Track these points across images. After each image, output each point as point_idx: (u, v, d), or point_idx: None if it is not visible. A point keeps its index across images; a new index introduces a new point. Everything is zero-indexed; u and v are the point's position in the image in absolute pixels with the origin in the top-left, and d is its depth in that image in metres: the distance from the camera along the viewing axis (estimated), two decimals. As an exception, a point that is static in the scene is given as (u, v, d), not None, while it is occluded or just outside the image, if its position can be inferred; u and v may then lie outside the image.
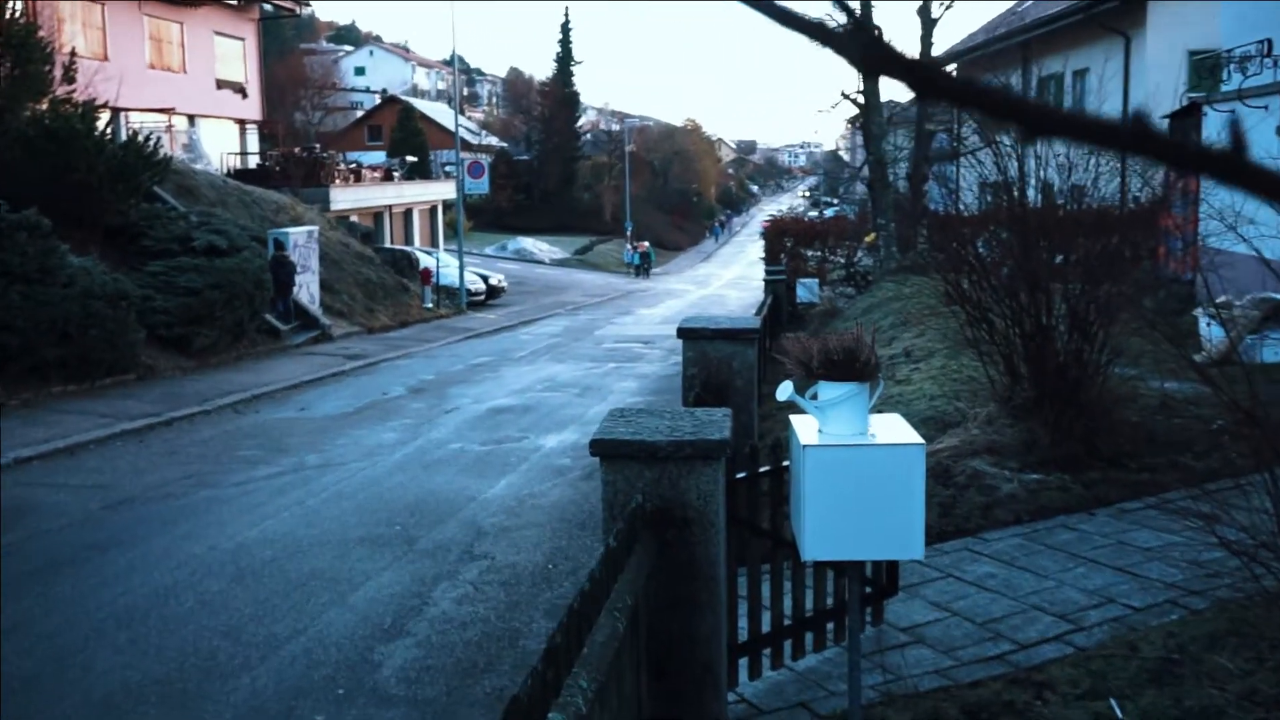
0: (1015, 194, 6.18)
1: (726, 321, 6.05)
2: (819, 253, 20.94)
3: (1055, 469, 5.69)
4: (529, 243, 51.66)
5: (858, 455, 3.15)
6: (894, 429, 3.34)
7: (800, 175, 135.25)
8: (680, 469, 3.06)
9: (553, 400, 11.82)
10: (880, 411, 3.90)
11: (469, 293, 25.83)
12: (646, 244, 51.91)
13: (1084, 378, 5.79)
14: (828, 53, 0.51)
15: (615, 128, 73.00)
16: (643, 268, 46.14)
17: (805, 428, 3.38)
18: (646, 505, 3.04)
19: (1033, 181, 6.18)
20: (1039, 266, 5.86)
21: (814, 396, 3.36)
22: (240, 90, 27.21)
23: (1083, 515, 5.37)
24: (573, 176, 67.45)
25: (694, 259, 67.53)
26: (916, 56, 0.52)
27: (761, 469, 3.92)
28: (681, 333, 5.85)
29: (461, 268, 25.38)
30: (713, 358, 5.86)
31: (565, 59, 65.84)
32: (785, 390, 3.27)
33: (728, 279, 49.80)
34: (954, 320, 7.39)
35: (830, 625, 4.13)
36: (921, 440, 3.19)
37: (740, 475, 3.85)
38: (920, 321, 10.84)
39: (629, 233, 52.89)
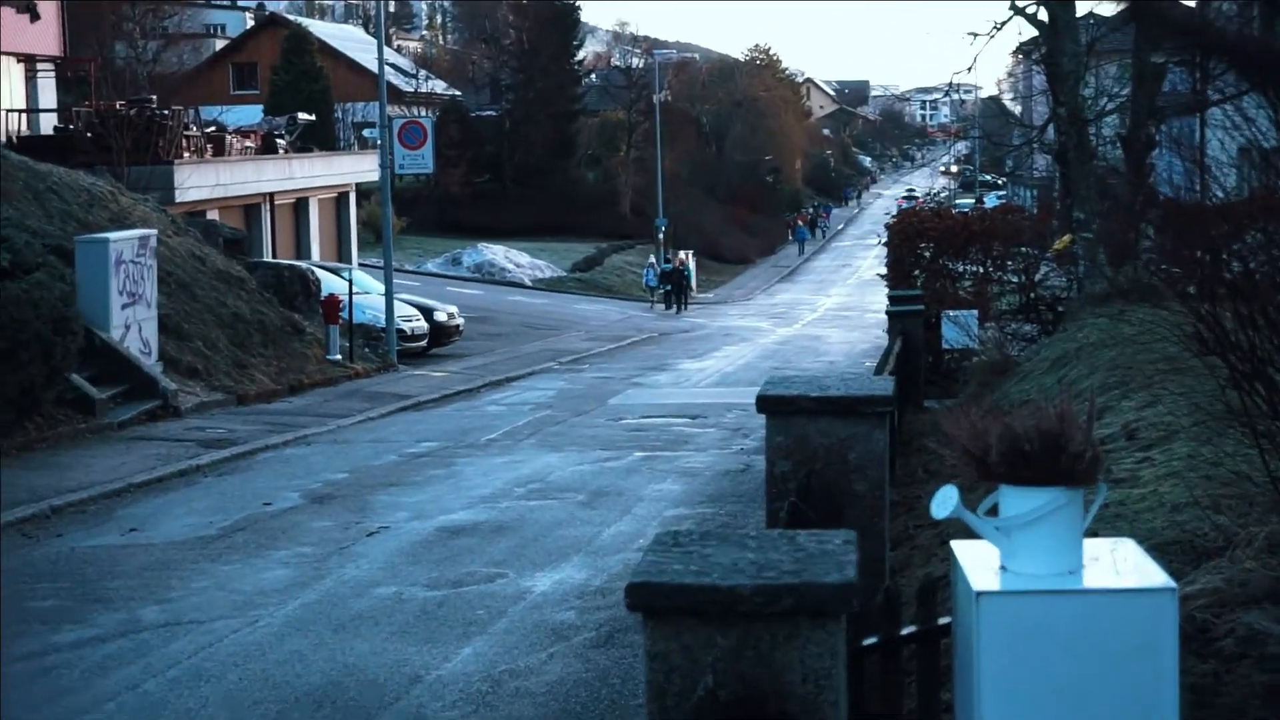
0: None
1: (838, 384, 6.09)
2: (977, 267, 21.01)
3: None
4: (498, 253, 52.57)
5: (1066, 607, 3.17)
6: (1123, 562, 3.37)
7: (943, 139, 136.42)
8: (774, 633, 3.07)
9: (544, 513, 11.88)
10: (1097, 533, 3.92)
11: (402, 336, 26.20)
12: (684, 255, 52.21)
13: None
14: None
15: (637, 64, 73.44)
16: (676, 294, 46.30)
17: (978, 562, 3.41)
18: (720, 694, 3.06)
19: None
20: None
21: (992, 511, 3.40)
22: (25, 6, 27.58)
23: None
24: (568, 144, 67.94)
25: (767, 277, 67.82)
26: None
27: (904, 630, 3.93)
28: (765, 404, 5.89)
29: (389, 295, 25.78)
30: (817, 445, 5.89)
31: (556, -46, 67.06)
32: (946, 501, 3.31)
33: (825, 310, 49.82)
34: (1208, 379, 7.38)
35: None
36: (1170, 582, 3.22)
37: (869, 641, 3.87)
38: (1150, 382, 10.81)
39: (660, 235, 53.11)
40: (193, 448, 15.35)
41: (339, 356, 22.79)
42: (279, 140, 34.89)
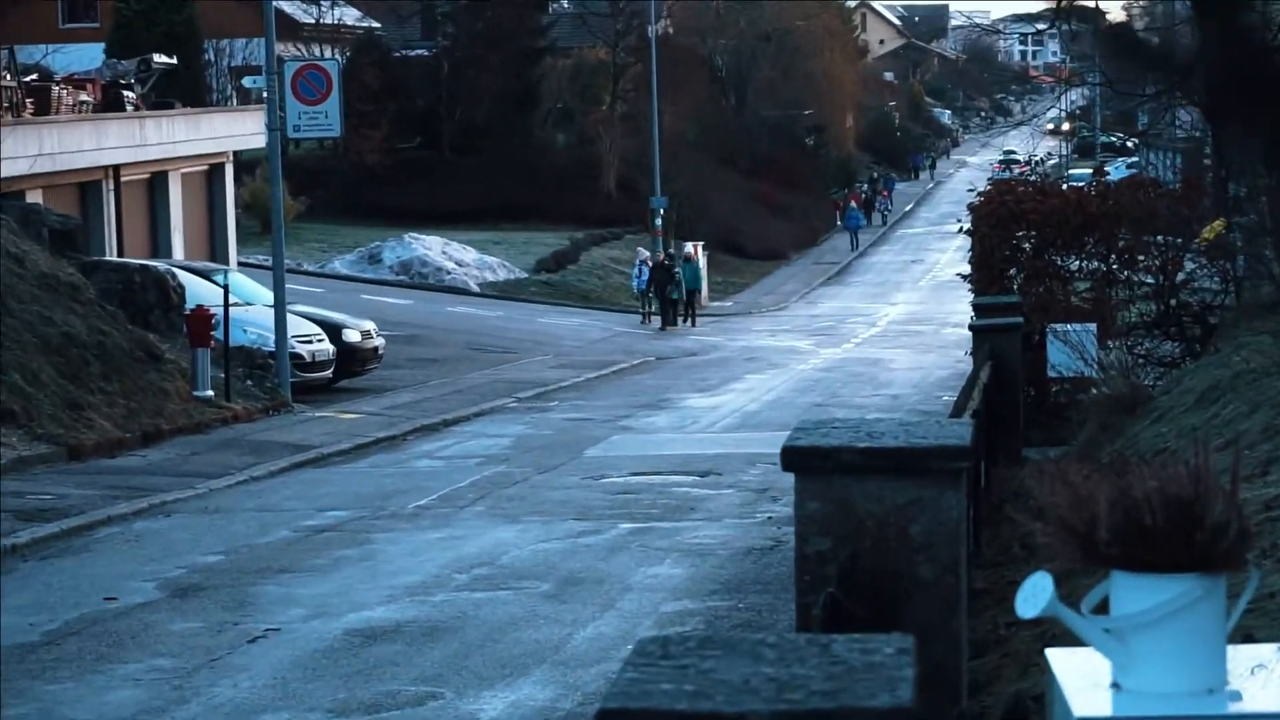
0: None
1: (897, 430, 6.13)
2: (1097, 264, 21.07)
3: None
4: (433, 247, 52.96)
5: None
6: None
7: (1048, 85, 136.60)
8: (803, 776, 3.10)
9: (494, 610, 11.88)
10: (1252, 636, 3.95)
11: (299, 364, 26.31)
12: (691, 249, 52.52)
13: None
14: None
15: (625, -15, 73.59)
16: (677, 305, 46.83)
17: (1081, 676, 3.43)
18: None
19: None
20: None
21: (1103, 607, 3.43)
22: None
23: None
24: (530, 95, 67.79)
25: (807, 278, 67.77)
26: None
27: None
28: (795, 458, 5.92)
29: (281, 307, 25.80)
30: (866, 515, 5.92)
31: None
32: (1036, 594, 3.33)
33: (887, 324, 49.86)
34: None
35: None
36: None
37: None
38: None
39: (658, 221, 53.04)
40: (6, 521, 15.33)
41: (211, 393, 22.78)
42: (127, 93, 34.92)
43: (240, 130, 38.04)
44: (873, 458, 5.73)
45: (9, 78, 30.79)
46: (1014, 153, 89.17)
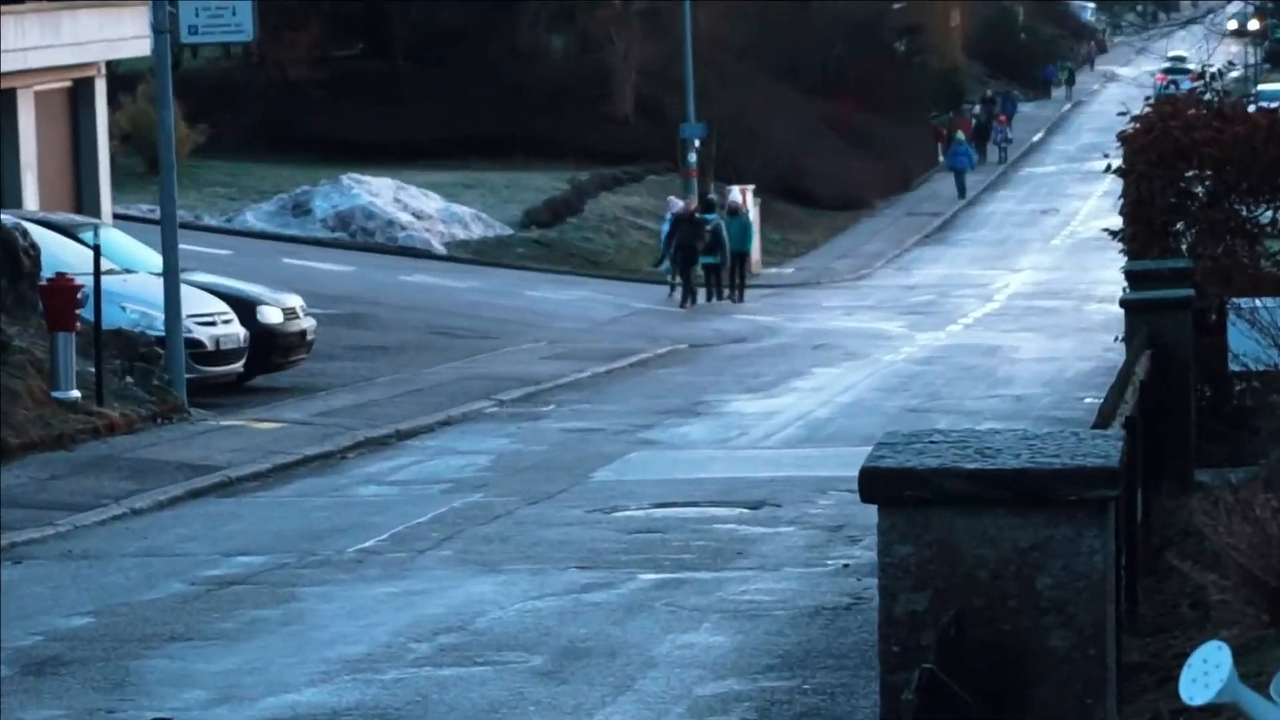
0: None
1: (1015, 446, 6.15)
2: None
3: None
4: (381, 192, 52.95)
5: None
6: None
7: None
8: None
9: (466, 693, 11.87)
10: None
11: (199, 354, 26.31)
12: (738, 194, 52.57)
13: None
14: None
15: None
16: (717, 273, 47.19)
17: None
18: None
19: None
20: None
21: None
22: None
23: None
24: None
25: (897, 235, 67.40)
26: None
27: None
28: (876, 483, 5.95)
29: (173, 275, 25.74)
30: (973, 561, 5.95)
31: None
32: (1213, 674, 3.37)
33: (1008, 297, 49.88)
34: None
35: None
36: None
37: None
38: None
39: (691, 155, 52.65)
40: None
41: (77, 393, 22.79)
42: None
43: (115, 33, 37.98)
44: (986, 484, 5.72)
45: None
46: (1182, 60, 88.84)
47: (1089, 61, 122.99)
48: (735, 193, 51.56)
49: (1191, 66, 76.89)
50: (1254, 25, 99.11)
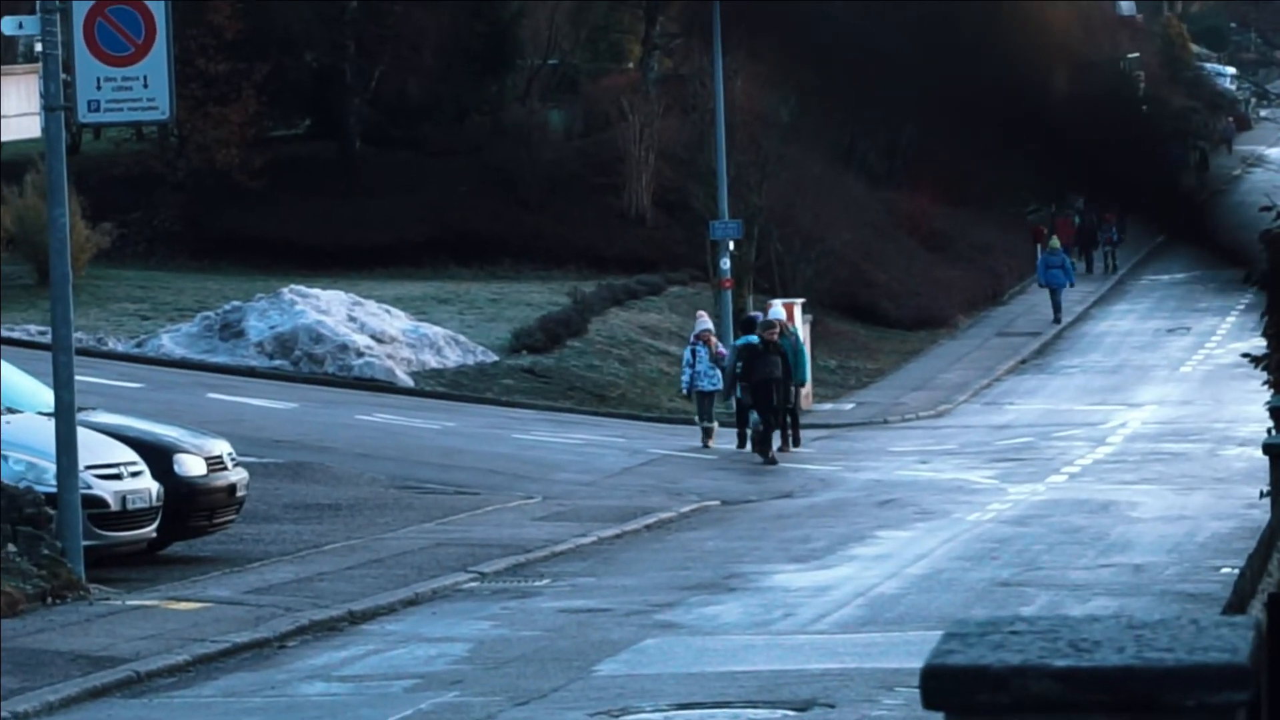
0: None
1: (1117, 635, 6.16)
2: None
3: None
4: (331, 308, 53.64)
5: None
6: None
7: None
8: None
9: None
10: None
11: (100, 516, 26.38)
12: (779, 309, 52.11)
13: None
14: None
15: None
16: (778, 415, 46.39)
17: None
18: None
19: None
20: None
21: None
22: None
23: None
24: (502, 46, 67.93)
25: (986, 359, 67.66)
26: None
27: None
28: (940, 684, 5.94)
29: (67, 416, 25.82)
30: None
31: None
32: None
33: (1126, 438, 50.00)
34: None
35: None
36: None
37: None
38: None
39: (725, 262, 52.64)
40: None
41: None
42: None
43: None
44: (1080, 687, 5.64)
45: None
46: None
47: (1227, 140, 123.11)
48: (778, 308, 51.13)
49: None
50: None
